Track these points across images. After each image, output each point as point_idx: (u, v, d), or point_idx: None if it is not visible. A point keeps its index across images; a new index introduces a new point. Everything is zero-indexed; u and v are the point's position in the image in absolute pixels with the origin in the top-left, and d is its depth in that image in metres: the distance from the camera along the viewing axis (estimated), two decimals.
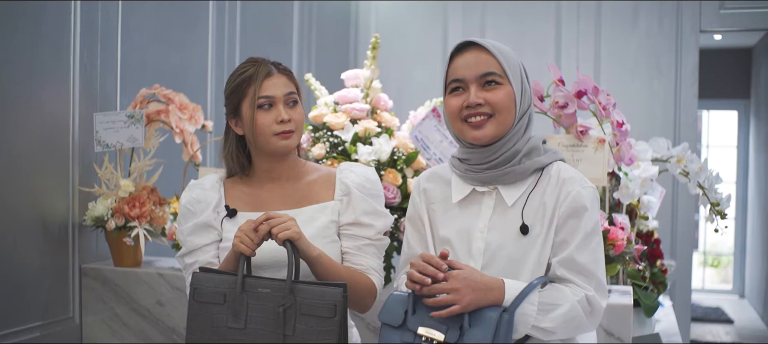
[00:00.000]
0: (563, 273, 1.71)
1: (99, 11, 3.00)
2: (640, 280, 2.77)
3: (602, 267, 1.75)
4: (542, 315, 1.66)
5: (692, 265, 5.19)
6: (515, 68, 1.76)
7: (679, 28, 4.89)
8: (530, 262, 1.72)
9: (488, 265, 1.73)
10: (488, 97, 1.73)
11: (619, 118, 2.57)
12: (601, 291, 1.72)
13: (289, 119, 1.93)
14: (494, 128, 1.74)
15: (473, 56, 1.76)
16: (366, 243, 1.96)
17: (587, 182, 1.76)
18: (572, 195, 1.72)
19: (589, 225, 1.72)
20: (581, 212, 1.71)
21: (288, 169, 2.01)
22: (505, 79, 1.74)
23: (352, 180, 1.99)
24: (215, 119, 3.77)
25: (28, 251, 2.72)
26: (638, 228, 3.05)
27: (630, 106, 4.54)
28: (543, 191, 1.75)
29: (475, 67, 1.75)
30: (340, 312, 1.74)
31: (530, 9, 5.11)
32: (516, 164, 1.75)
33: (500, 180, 1.76)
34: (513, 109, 1.74)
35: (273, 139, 1.93)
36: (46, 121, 2.80)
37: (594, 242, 1.73)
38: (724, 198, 2.82)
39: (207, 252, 1.97)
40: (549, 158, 1.78)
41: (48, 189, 2.81)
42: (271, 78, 1.95)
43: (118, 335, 2.86)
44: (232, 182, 2.04)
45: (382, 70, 3.00)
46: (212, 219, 1.97)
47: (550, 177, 1.76)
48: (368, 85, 2.86)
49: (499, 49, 1.76)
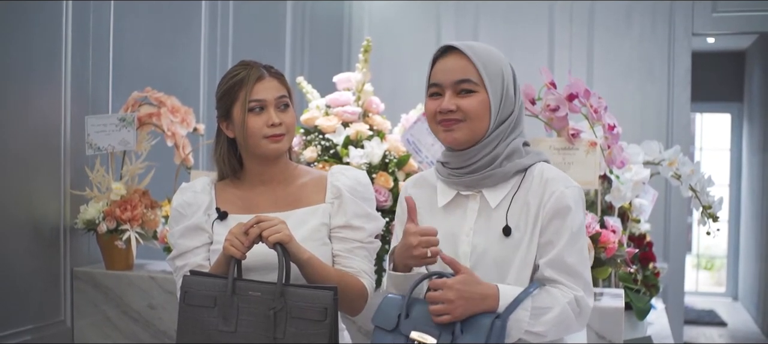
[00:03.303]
0: (551, 274, 1.71)
1: (91, 13, 3.00)
2: (631, 283, 2.77)
3: (588, 266, 1.75)
4: (534, 320, 1.66)
5: (685, 268, 5.19)
6: (495, 74, 1.75)
7: (672, 31, 4.90)
8: (515, 264, 1.72)
9: (475, 268, 1.73)
10: (461, 103, 1.74)
11: (610, 121, 2.58)
12: (588, 291, 1.73)
13: (280, 122, 1.93)
14: (465, 133, 1.75)
15: (452, 62, 1.77)
16: (357, 245, 1.96)
17: (571, 182, 1.76)
18: (556, 195, 1.72)
19: (575, 225, 1.72)
20: (565, 212, 1.71)
21: (279, 172, 2.01)
22: (480, 86, 1.74)
23: (343, 183, 1.99)
24: (207, 122, 3.76)
25: (20, 254, 2.71)
26: (630, 231, 3.05)
27: (623, 109, 4.54)
28: (526, 192, 1.75)
29: (452, 73, 1.76)
30: (331, 315, 1.74)
31: (523, 12, 5.11)
32: (496, 167, 1.75)
33: (483, 184, 1.77)
34: (486, 116, 1.74)
35: (263, 142, 1.93)
36: (38, 124, 2.79)
37: (580, 242, 1.74)
38: (716, 201, 2.83)
39: (198, 254, 1.97)
40: (531, 159, 1.78)
41: (39, 191, 2.81)
42: (262, 81, 1.95)
43: (110, 338, 2.86)
44: (224, 185, 2.04)
45: (374, 73, 3.00)
46: (203, 221, 1.97)
47: (533, 178, 1.76)
48: (360, 88, 2.86)
49: (479, 55, 1.75)
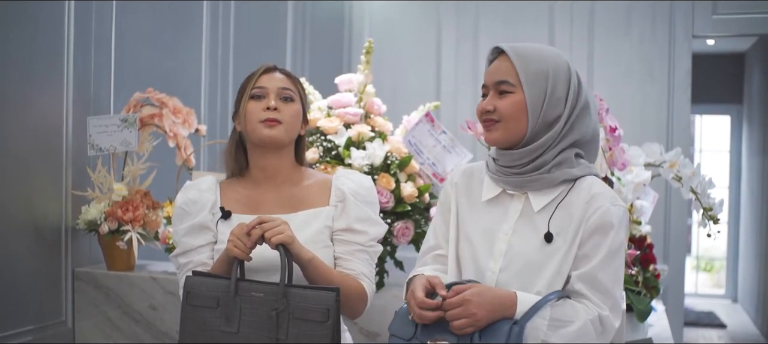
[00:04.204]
0: (581, 287, 1.70)
1: (93, 14, 3.00)
2: (632, 285, 2.77)
3: (621, 287, 1.75)
4: (552, 331, 1.65)
5: (685, 270, 5.19)
6: (537, 75, 1.74)
7: (672, 33, 4.89)
8: (549, 271, 1.71)
9: (507, 268, 1.74)
10: (497, 104, 1.76)
11: (612, 123, 2.58)
12: (615, 311, 1.72)
13: (275, 108, 1.95)
14: (501, 134, 1.76)
15: (497, 63, 1.80)
16: (358, 249, 1.96)
17: (618, 200, 1.75)
18: (601, 211, 1.71)
19: (615, 244, 1.71)
20: (608, 229, 1.70)
21: (284, 171, 2.01)
22: (517, 88, 1.74)
23: (347, 186, 2.00)
24: (208, 123, 3.77)
25: (21, 254, 2.71)
26: (631, 232, 3.05)
27: (623, 110, 4.54)
28: (571, 203, 1.74)
29: (494, 74, 1.79)
30: (333, 316, 1.74)
31: (523, 12, 5.11)
32: (544, 172, 1.75)
33: (529, 186, 1.77)
34: (523, 117, 1.74)
35: (258, 126, 1.94)
36: (40, 124, 2.79)
37: (617, 261, 1.72)
38: (716, 203, 2.82)
39: (202, 253, 1.97)
40: (581, 171, 1.77)
41: (41, 192, 2.81)
42: (269, 73, 2.00)
43: (111, 339, 2.86)
44: (229, 183, 2.05)
45: (375, 74, 3.00)
46: (208, 220, 1.97)
47: (581, 191, 1.75)
48: (362, 89, 2.86)
49: (522, 56, 1.76)
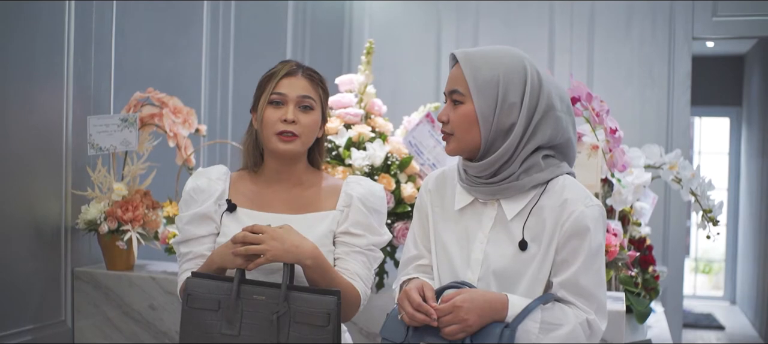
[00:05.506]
0: (564, 295, 1.68)
1: (93, 13, 2.99)
2: (632, 286, 2.77)
3: (604, 288, 1.72)
4: (544, 334, 1.64)
5: (684, 271, 5.20)
6: (486, 82, 1.68)
7: (672, 36, 4.90)
8: (526, 278, 1.69)
9: (484, 277, 1.72)
10: (450, 115, 1.72)
11: (612, 125, 2.58)
12: (601, 313, 1.70)
13: (293, 121, 1.90)
14: (455, 145, 1.72)
15: (453, 71, 1.74)
16: (356, 250, 1.94)
17: (592, 200, 1.70)
18: (575, 215, 1.67)
19: (593, 246, 1.68)
20: (584, 233, 1.67)
21: (298, 175, 1.98)
22: (467, 97, 1.69)
23: (356, 192, 1.97)
24: (209, 123, 3.76)
25: (21, 254, 2.71)
26: (631, 234, 3.05)
27: (623, 112, 4.54)
28: (544, 207, 1.70)
29: (449, 82, 1.74)
30: (334, 320, 1.74)
31: (524, 13, 5.12)
32: (513, 180, 1.70)
33: (500, 194, 1.72)
34: (474, 128, 1.69)
35: (274, 138, 1.91)
36: (40, 124, 2.79)
37: (597, 263, 1.69)
38: (716, 205, 2.83)
39: (203, 243, 1.94)
40: (550, 173, 1.71)
41: (41, 192, 2.80)
42: (291, 77, 1.93)
43: (111, 339, 2.85)
44: (240, 176, 2.01)
45: (375, 75, 3.00)
46: (212, 211, 1.94)
47: (553, 193, 1.71)
48: (362, 89, 2.86)
49: (471, 62, 1.69)
